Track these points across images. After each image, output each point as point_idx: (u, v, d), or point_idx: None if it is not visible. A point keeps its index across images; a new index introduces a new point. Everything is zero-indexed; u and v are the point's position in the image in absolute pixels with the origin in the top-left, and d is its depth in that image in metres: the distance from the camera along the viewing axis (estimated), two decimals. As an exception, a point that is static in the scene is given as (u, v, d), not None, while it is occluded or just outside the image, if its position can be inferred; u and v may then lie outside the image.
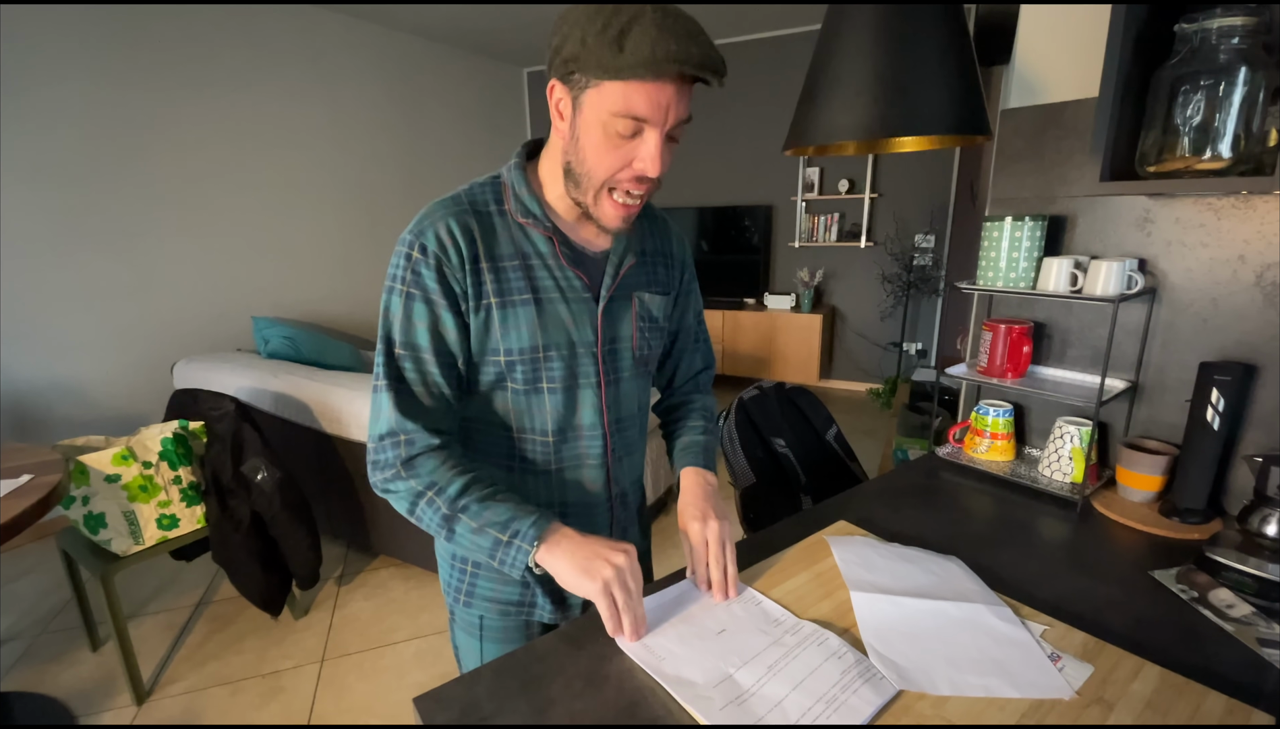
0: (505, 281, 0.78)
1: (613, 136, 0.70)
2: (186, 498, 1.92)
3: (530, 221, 0.79)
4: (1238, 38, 0.85)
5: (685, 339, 1.02)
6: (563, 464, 0.86)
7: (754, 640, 0.72)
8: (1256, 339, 1.03)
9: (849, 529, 0.99)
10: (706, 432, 0.99)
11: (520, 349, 0.79)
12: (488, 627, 0.91)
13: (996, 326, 1.21)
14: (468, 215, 0.77)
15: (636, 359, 0.89)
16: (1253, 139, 0.86)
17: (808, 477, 1.51)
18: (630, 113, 0.68)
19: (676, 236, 0.97)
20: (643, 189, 0.75)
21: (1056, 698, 0.64)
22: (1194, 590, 0.87)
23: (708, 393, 1.07)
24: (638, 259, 0.88)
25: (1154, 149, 0.91)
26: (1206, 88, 0.86)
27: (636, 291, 0.87)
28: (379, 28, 4.14)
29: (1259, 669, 0.72)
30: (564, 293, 0.81)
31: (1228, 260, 1.05)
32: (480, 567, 0.89)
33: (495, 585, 0.89)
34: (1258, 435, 1.04)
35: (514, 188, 0.80)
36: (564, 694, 0.67)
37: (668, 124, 0.70)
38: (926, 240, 4.42)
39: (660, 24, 0.64)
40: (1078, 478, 1.14)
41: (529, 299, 0.78)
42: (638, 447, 0.95)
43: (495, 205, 0.80)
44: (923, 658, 0.70)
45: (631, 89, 0.67)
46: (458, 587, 0.91)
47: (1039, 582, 0.88)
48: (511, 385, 0.81)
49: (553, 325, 0.80)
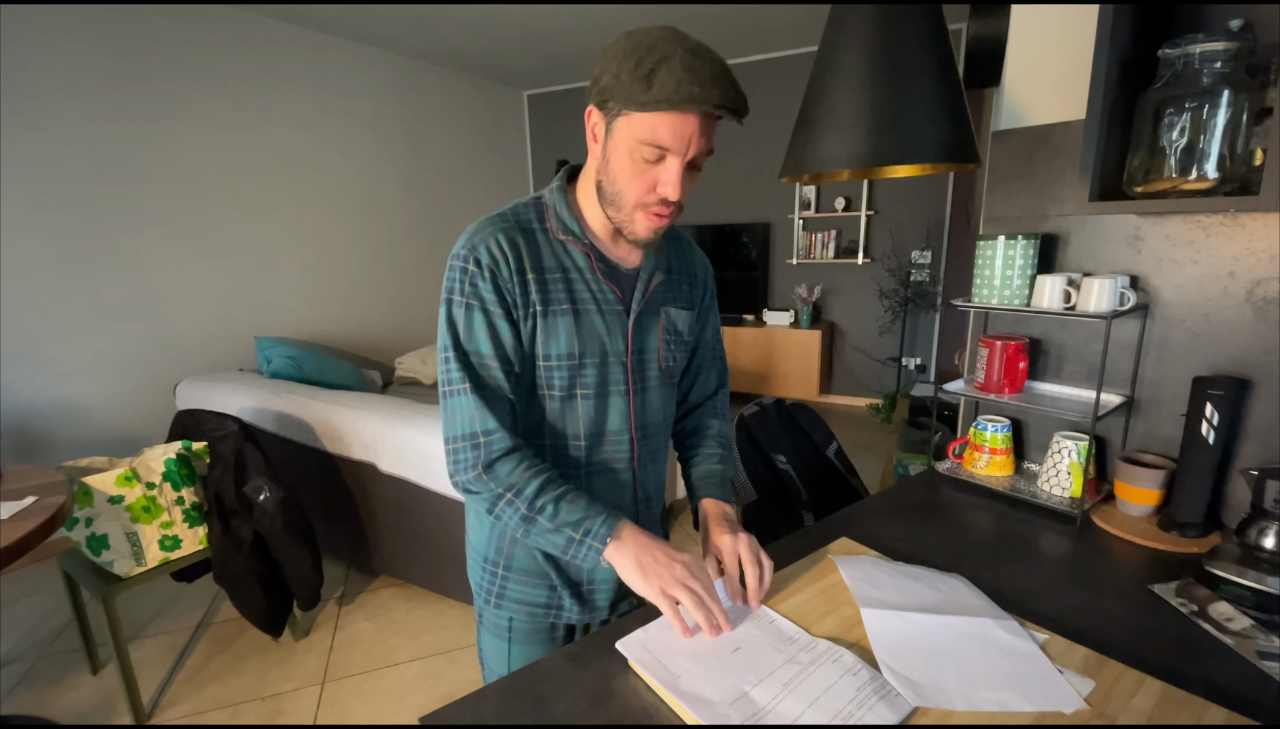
0: (548, 292, 0.83)
1: (638, 162, 0.76)
2: (189, 519, 1.92)
3: (570, 238, 0.86)
4: (1220, 62, 0.88)
5: (703, 355, 1.06)
6: (593, 468, 0.91)
7: (768, 658, 0.72)
8: (1249, 354, 1.05)
9: (851, 546, 1.00)
10: (723, 461, 1.02)
11: (559, 355, 0.85)
12: (516, 628, 0.96)
13: (993, 343, 1.22)
14: (514, 231, 0.83)
15: (662, 370, 0.94)
16: (1237, 159, 0.88)
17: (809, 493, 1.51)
18: (654, 142, 0.74)
19: (700, 258, 1.03)
20: (668, 210, 0.81)
21: (1066, 709, 0.65)
22: (1193, 604, 0.87)
23: (724, 418, 1.09)
24: (665, 276, 0.94)
25: (1141, 170, 0.93)
26: (1191, 110, 0.89)
27: (664, 306, 0.93)
28: (381, 51, 4.21)
29: (1259, 682, 0.72)
30: (599, 304, 0.87)
31: (1218, 276, 1.06)
32: (511, 569, 0.94)
33: (525, 588, 0.94)
34: (1254, 449, 1.05)
35: (555, 208, 0.87)
36: (569, 713, 0.67)
37: (689, 154, 0.76)
38: (923, 256, 4.45)
39: (687, 66, 0.70)
40: (1076, 492, 1.15)
41: (568, 309, 0.84)
42: (661, 454, 1.00)
43: (538, 222, 0.86)
44: (936, 673, 0.70)
45: (657, 120, 0.73)
46: (489, 588, 0.96)
47: (1039, 596, 0.89)
48: (549, 393, 0.86)
49: (589, 334, 0.86)
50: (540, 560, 0.93)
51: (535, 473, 0.82)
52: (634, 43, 0.73)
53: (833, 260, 4.81)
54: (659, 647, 0.75)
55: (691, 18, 3.84)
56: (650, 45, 0.72)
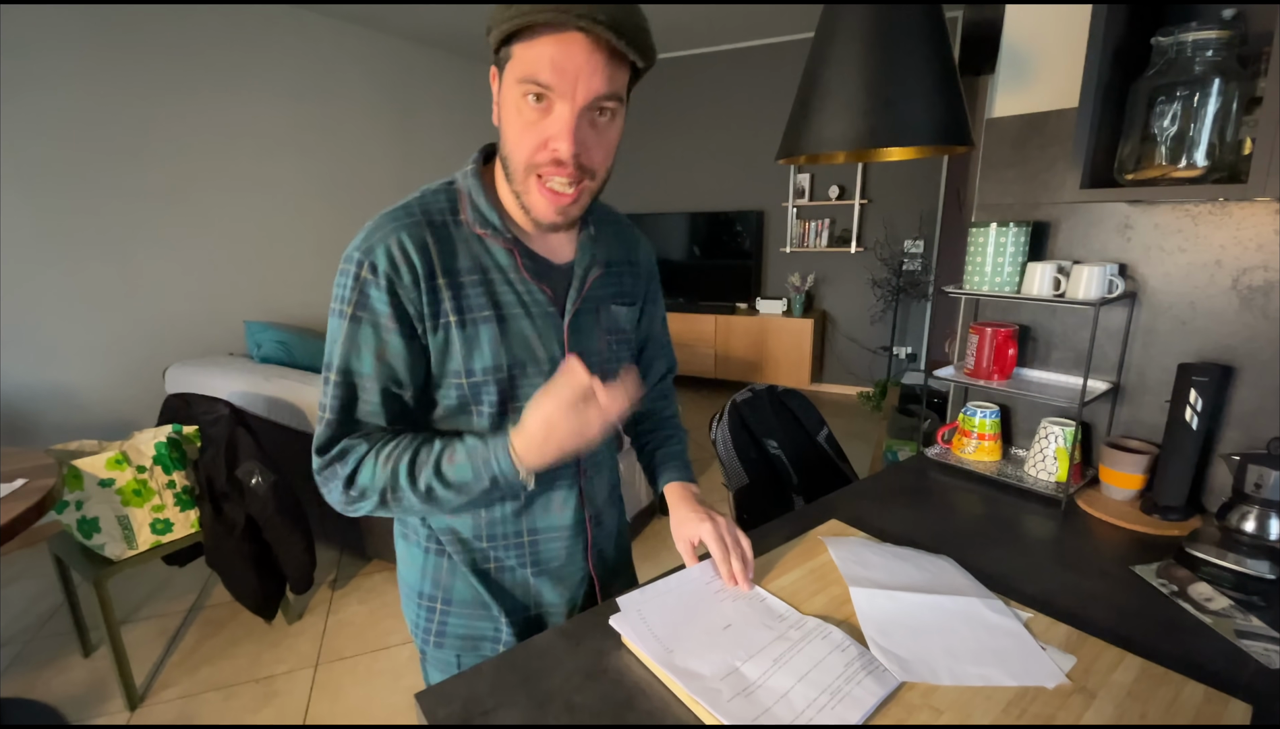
0: (464, 298, 0.73)
1: (525, 111, 0.66)
2: (180, 502, 1.92)
3: (489, 233, 0.74)
4: (1212, 50, 0.88)
5: (653, 348, 1.00)
6: (535, 490, 0.81)
7: (759, 635, 0.74)
8: (1233, 341, 1.06)
9: (841, 528, 1.02)
10: (680, 441, 1.00)
11: (484, 369, 0.74)
12: (465, 666, 0.84)
13: (983, 330, 1.23)
14: (421, 228, 0.71)
15: (605, 374, 0.81)
16: (1227, 148, 0.89)
17: (800, 477, 1.53)
18: (533, 77, 0.63)
19: (644, 246, 0.94)
20: (565, 174, 0.68)
21: (1048, 684, 0.67)
22: (1174, 585, 0.89)
23: (671, 398, 1.06)
24: (604, 270, 0.84)
25: (1132, 157, 0.94)
26: (1182, 98, 0.89)
27: (603, 304, 0.84)
28: (371, 31, 4.15)
29: (1236, 660, 0.74)
30: (527, 308, 0.76)
31: (1205, 265, 1.08)
32: (451, 602, 0.84)
33: (467, 621, 0.84)
34: (1235, 434, 1.07)
35: (470, 196, 0.75)
36: (563, 688, 0.68)
37: (579, 95, 0.64)
38: (916, 245, 4.47)
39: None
40: (1062, 477, 1.17)
41: (490, 316, 0.74)
42: (606, 461, 0.91)
43: (451, 215, 0.74)
44: (922, 650, 0.72)
45: (534, 52, 0.63)
46: (426, 627, 0.86)
47: (1025, 577, 0.91)
48: (477, 409, 0.76)
49: (517, 343, 0.75)
50: (480, 591, 0.83)
51: (393, 460, 0.71)
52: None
53: (826, 249, 4.82)
54: (652, 622, 0.76)
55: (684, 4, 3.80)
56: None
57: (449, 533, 0.83)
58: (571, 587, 0.88)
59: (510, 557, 0.84)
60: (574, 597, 0.89)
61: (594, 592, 0.92)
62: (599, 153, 0.70)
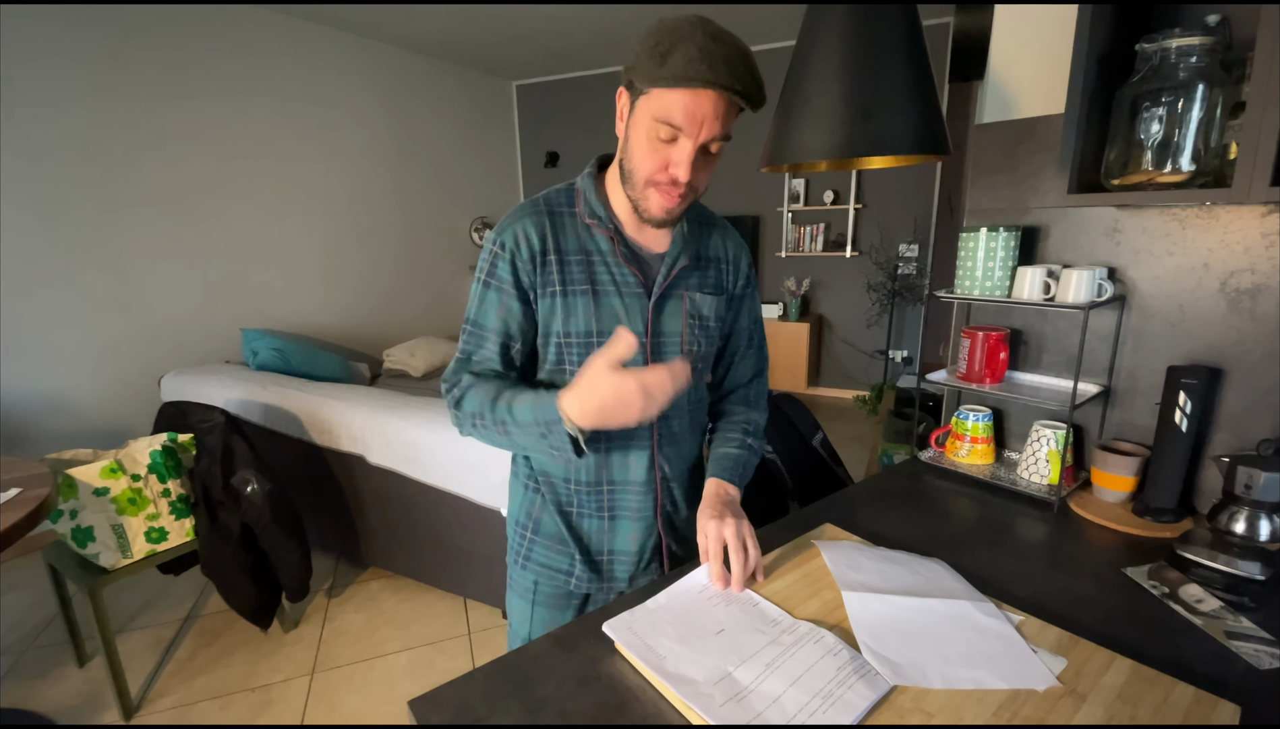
0: (569, 273, 0.88)
1: (654, 140, 0.79)
2: (175, 511, 1.92)
3: (595, 222, 0.90)
4: (1196, 56, 0.89)
5: (737, 341, 1.06)
6: (613, 445, 0.95)
7: (752, 639, 0.74)
8: (1222, 343, 1.07)
9: (836, 532, 1.02)
10: (743, 446, 1.01)
11: (577, 333, 0.89)
12: (540, 591, 1.01)
13: (974, 333, 1.24)
14: (543, 216, 0.89)
15: (685, 354, 0.96)
16: (1212, 152, 0.90)
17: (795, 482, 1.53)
18: (667, 119, 0.77)
19: (735, 243, 1.03)
20: (679, 190, 0.82)
21: (1039, 687, 0.67)
22: (1165, 586, 0.90)
23: (756, 407, 1.08)
24: (691, 262, 0.95)
25: (1118, 163, 0.95)
26: (1167, 104, 0.90)
27: (688, 291, 0.95)
28: (368, 41, 4.17)
29: (1227, 661, 0.75)
30: (619, 287, 0.90)
31: (1193, 268, 1.09)
32: (538, 533, 1.00)
33: (549, 552, 1.00)
34: (1225, 436, 1.08)
35: (585, 193, 0.91)
36: (556, 694, 0.69)
37: (701, 136, 0.77)
38: (910, 250, 4.49)
39: (702, 47, 0.73)
40: (1054, 480, 1.17)
41: (588, 290, 0.89)
42: (686, 439, 1.01)
43: (568, 207, 0.91)
44: (915, 653, 0.72)
45: (671, 99, 0.75)
46: (518, 549, 1.03)
47: (1017, 580, 0.91)
48: (570, 368, 0.90)
49: (606, 315, 0.90)
50: (562, 528, 0.98)
51: (489, 392, 0.87)
52: (660, 26, 0.76)
53: (821, 253, 4.84)
54: (645, 629, 0.76)
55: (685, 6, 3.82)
56: (673, 28, 0.75)
57: (544, 475, 0.99)
58: (641, 537, 0.99)
59: (590, 502, 0.97)
60: (643, 547, 1.00)
61: (661, 546, 1.02)
62: (704, 176, 0.84)
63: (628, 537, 0.99)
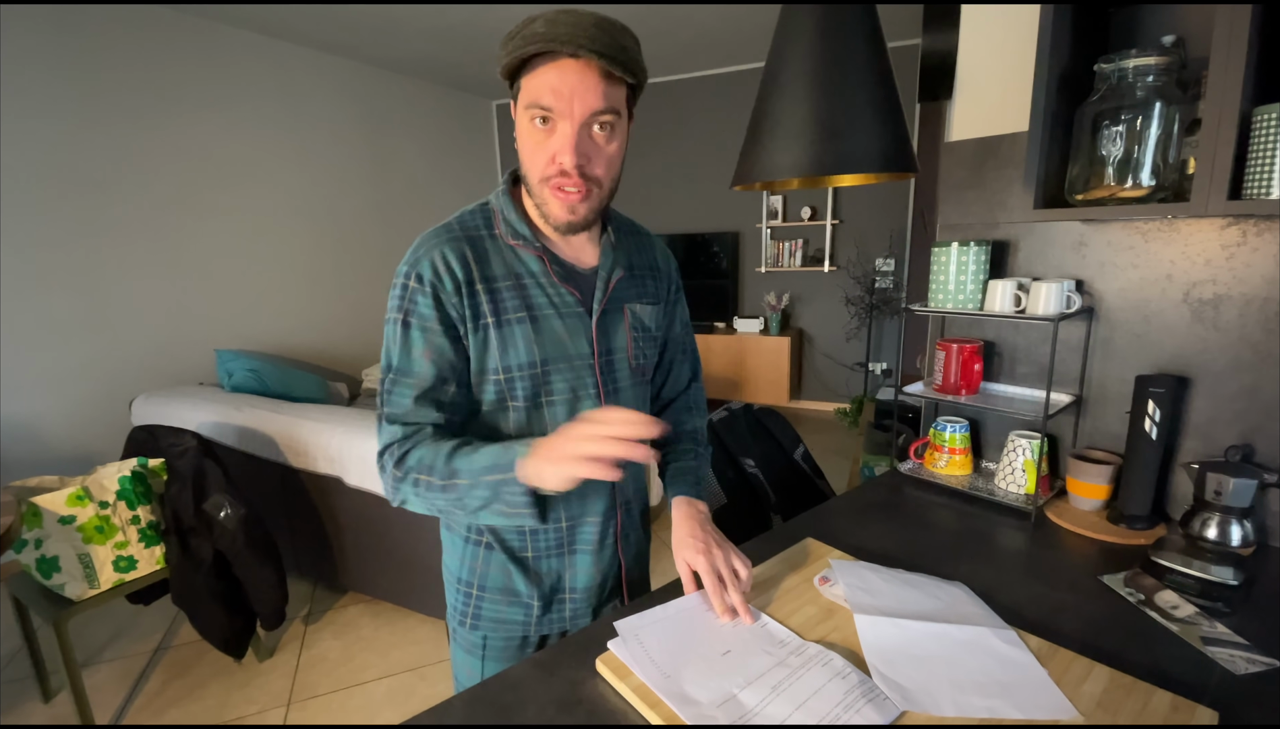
0: (500, 302, 0.81)
1: (535, 132, 0.75)
2: (145, 538, 1.86)
3: (520, 243, 0.83)
4: (1152, 75, 0.92)
5: (674, 348, 1.05)
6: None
7: (759, 661, 0.73)
8: (1187, 352, 1.10)
9: (819, 547, 1.02)
10: (697, 456, 1.01)
11: (519, 365, 0.82)
12: (490, 646, 0.94)
13: (949, 346, 1.26)
14: (460, 242, 0.81)
15: (633, 369, 0.93)
16: (1170, 167, 0.93)
17: (777, 495, 1.53)
18: (537, 102, 0.73)
19: (661, 250, 1.01)
20: (572, 185, 0.76)
21: (1061, 718, 0.65)
22: (1141, 593, 0.91)
23: (699, 411, 1.08)
24: (626, 273, 0.91)
25: (1081, 179, 0.98)
26: (1126, 122, 0.93)
27: (628, 303, 0.91)
28: (345, 60, 4.17)
29: (1203, 666, 0.76)
30: (558, 309, 0.85)
31: (1157, 279, 1.12)
32: (485, 588, 0.92)
33: (499, 607, 0.92)
34: (1194, 443, 1.10)
35: (503, 212, 0.85)
36: (537, 719, 0.67)
37: (576, 113, 0.72)
38: (887, 264, 4.56)
39: (552, 18, 0.71)
40: (1030, 489, 1.19)
41: (524, 317, 0.82)
42: None
43: (486, 230, 0.84)
44: (927, 679, 0.70)
45: (535, 82, 0.72)
46: (463, 610, 0.94)
47: (996, 589, 0.91)
48: (513, 404, 0.84)
49: (549, 341, 0.84)
50: (515, 579, 0.91)
51: (432, 448, 0.78)
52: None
53: (800, 268, 4.90)
54: (651, 641, 0.75)
55: (661, 29, 3.88)
56: (535, 14, 0.72)
57: (489, 525, 0.89)
58: (603, 568, 0.95)
59: (546, 542, 0.91)
60: (605, 580, 0.96)
61: (621, 574, 0.98)
62: (601, 163, 0.78)
63: (589, 571, 0.93)
